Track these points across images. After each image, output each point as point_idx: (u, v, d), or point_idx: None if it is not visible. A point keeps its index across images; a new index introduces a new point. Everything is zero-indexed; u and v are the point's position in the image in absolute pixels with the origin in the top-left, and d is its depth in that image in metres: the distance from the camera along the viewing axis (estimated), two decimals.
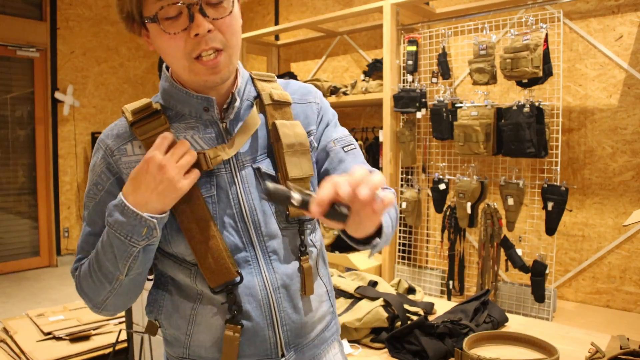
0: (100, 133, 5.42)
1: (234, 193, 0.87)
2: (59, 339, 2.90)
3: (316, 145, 0.97)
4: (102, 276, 0.84)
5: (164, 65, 0.91)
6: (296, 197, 0.63)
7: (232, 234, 0.87)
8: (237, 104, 0.88)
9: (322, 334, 0.98)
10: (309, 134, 0.95)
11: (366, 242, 0.82)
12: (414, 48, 3.00)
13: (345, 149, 0.98)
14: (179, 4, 0.77)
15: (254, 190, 0.89)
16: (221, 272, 0.88)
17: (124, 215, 0.78)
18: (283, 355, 0.90)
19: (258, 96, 0.94)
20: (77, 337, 2.90)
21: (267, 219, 0.89)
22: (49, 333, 2.95)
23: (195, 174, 0.81)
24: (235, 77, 0.91)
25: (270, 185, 0.64)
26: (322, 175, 0.96)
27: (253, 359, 0.89)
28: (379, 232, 0.81)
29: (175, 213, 0.85)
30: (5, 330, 3.09)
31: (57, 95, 5.15)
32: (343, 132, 1.01)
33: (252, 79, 0.96)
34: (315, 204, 0.61)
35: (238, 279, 0.87)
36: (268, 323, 0.88)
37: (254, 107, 0.91)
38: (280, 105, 0.94)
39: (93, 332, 2.97)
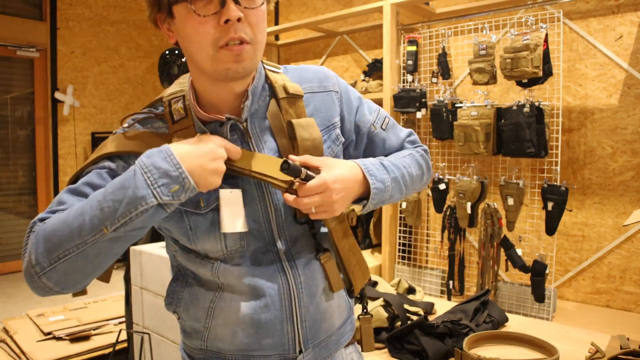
0: (100, 133, 5.44)
1: (259, 194, 0.89)
2: (59, 339, 2.91)
3: (343, 139, 0.97)
4: (86, 223, 0.72)
5: (189, 79, 0.90)
6: (303, 171, 0.80)
7: (257, 238, 0.89)
8: (248, 102, 0.87)
9: (339, 330, 0.99)
10: (333, 126, 0.95)
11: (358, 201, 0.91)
12: (414, 48, 3.00)
13: (384, 126, 1.01)
14: None
15: (277, 191, 0.89)
16: (364, 277, 0.98)
17: (166, 161, 0.74)
18: (301, 351, 0.91)
19: (271, 89, 0.92)
20: (77, 337, 2.90)
21: (288, 219, 0.90)
22: (49, 333, 2.95)
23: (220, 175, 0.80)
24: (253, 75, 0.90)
25: (290, 161, 0.80)
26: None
27: (271, 352, 0.90)
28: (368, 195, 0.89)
29: (329, 226, 0.90)
30: (5, 330, 3.09)
31: (57, 95, 5.15)
32: (372, 109, 1.03)
33: (264, 69, 0.95)
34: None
35: (369, 277, 0.99)
36: (287, 318, 0.89)
37: (272, 104, 0.91)
38: (294, 99, 0.92)
39: (93, 332, 2.98)
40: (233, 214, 0.84)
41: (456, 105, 2.87)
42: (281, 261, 0.90)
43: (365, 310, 1.06)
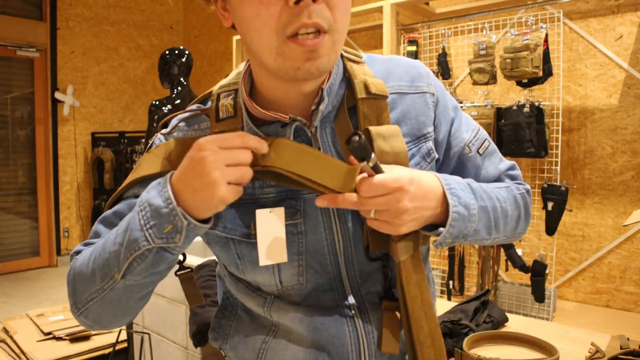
0: (100, 133, 5.44)
1: (326, 219, 0.70)
2: (59, 339, 2.91)
3: (436, 155, 0.76)
4: (98, 268, 0.66)
5: (243, 71, 0.72)
6: (373, 157, 0.59)
7: (319, 273, 0.72)
8: (322, 106, 0.68)
9: None
10: (424, 137, 0.74)
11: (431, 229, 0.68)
12: (414, 48, 3.00)
13: (481, 151, 0.79)
14: None
15: (348, 215, 0.70)
16: (436, 355, 0.70)
17: (160, 195, 0.60)
18: None
19: (350, 85, 0.71)
20: (77, 337, 2.90)
21: (359, 252, 0.72)
22: (49, 333, 2.95)
23: (242, 176, 0.61)
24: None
25: (359, 139, 0.57)
26: None
27: None
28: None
29: (398, 257, 0.67)
30: (5, 330, 3.09)
31: (57, 95, 5.15)
32: (471, 125, 0.80)
33: (342, 57, 0.74)
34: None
35: None
36: None
37: (344, 108, 0.71)
38: (377, 100, 0.71)
39: (93, 332, 2.97)
40: (273, 241, 0.66)
41: None
42: (348, 302, 0.72)
43: None
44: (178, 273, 0.75)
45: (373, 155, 0.60)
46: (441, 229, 0.66)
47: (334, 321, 0.71)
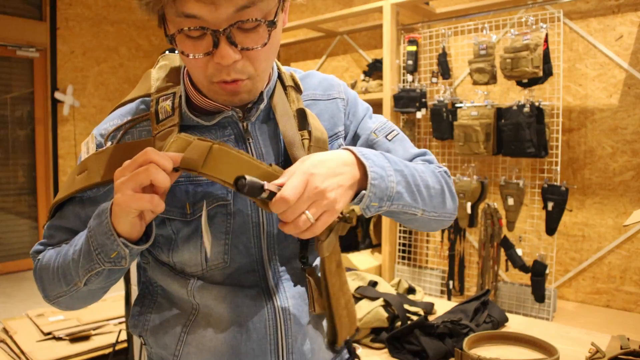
0: None
1: (253, 206, 0.77)
2: (59, 339, 2.90)
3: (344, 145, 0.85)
4: (61, 275, 0.75)
5: (183, 69, 0.80)
6: (267, 188, 0.63)
7: (242, 254, 0.77)
8: (262, 105, 0.77)
9: None
10: (336, 136, 0.84)
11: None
12: (414, 48, 3.00)
13: (389, 137, 0.86)
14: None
15: None
16: (351, 325, 0.85)
17: (103, 224, 0.67)
18: None
19: (279, 77, 0.82)
20: (77, 337, 2.90)
21: (280, 237, 0.79)
22: (49, 333, 2.95)
23: (154, 205, 0.64)
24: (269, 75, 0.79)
25: (248, 177, 0.61)
26: None
27: None
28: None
29: (322, 254, 0.75)
30: (5, 331, 3.09)
31: (57, 95, 5.15)
32: (380, 119, 0.89)
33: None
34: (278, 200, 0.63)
35: (357, 330, 0.86)
36: (272, 349, 0.77)
37: (278, 88, 0.81)
38: (299, 92, 0.83)
39: (93, 332, 2.97)
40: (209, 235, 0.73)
41: (456, 105, 2.87)
42: (267, 284, 0.78)
43: None
44: None
45: (265, 185, 0.62)
46: (363, 191, 0.69)
47: (253, 300, 0.77)
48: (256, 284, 0.78)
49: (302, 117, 0.78)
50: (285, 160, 0.78)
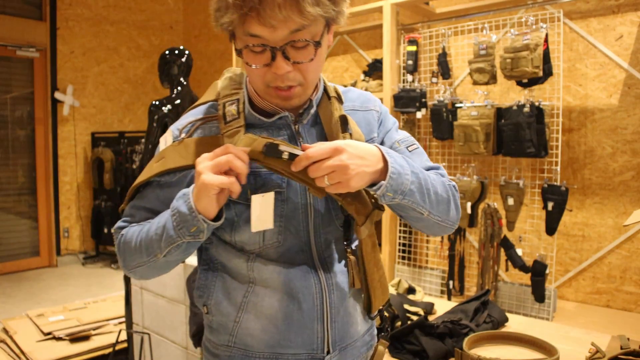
0: (100, 133, 5.44)
1: (302, 194, 0.92)
2: (59, 339, 2.91)
3: None
4: (143, 247, 0.88)
5: (245, 78, 0.96)
6: (285, 148, 0.80)
7: (293, 235, 0.92)
8: (312, 110, 0.94)
9: (363, 337, 1.01)
10: (371, 140, 0.99)
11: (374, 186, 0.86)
12: (414, 48, 3.00)
13: (410, 148, 1.01)
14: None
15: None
16: (383, 297, 1.00)
17: (185, 205, 0.82)
18: (329, 352, 0.94)
19: (325, 89, 0.98)
20: (77, 337, 2.90)
21: (325, 223, 0.94)
22: (49, 333, 2.95)
23: (231, 185, 0.79)
24: (316, 85, 0.95)
25: (269, 143, 0.81)
26: None
27: (300, 350, 0.92)
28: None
29: (360, 236, 0.92)
30: (5, 331, 3.09)
31: (57, 95, 5.15)
32: (404, 134, 1.05)
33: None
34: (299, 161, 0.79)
35: (388, 299, 1.00)
36: (318, 317, 0.92)
37: (327, 102, 0.96)
38: (339, 100, 0.98)
39: (93, 332, 2.97)
40: (262, 216, 0.87)
41: (456, 105, 2.87)
42: (314, 262, 0.93)
43: (384, 333, 1.08)
44: None
45: (285, 149, 0.80)
46: (382, 181, 0.84)
47: (303, 274, 0.92)
48: (305, 261, 0.93)
49: (344, 122, 0.93)
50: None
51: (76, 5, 5.37)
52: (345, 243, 0.96)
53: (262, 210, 0.87)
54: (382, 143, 1.01)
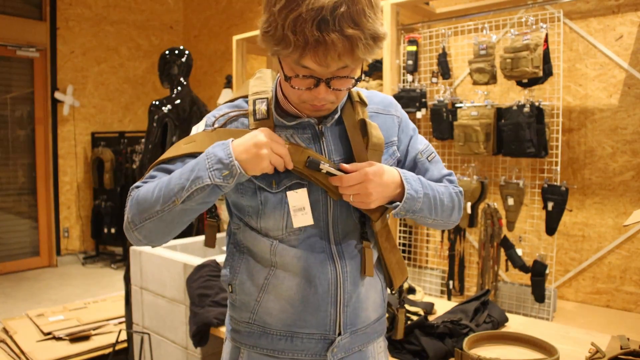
0: (100, 133, 5.44)
1: (322, 189, 1.00)
2: (59, 339, 2.91)
3: (398, 155, 1.10)
4: (162, 195, 0.93)
5: (276, 80, 1.04)
6: (324, 167, 0.94)
7: (314, 224, 1.00)
8: (336, 115, 1.02)
9: (374, 324, 1.09)
10: (391, 143, 1.09)
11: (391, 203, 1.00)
12: (414, 48, 3.00)
13: (429, 158, 1.13)
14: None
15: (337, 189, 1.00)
16: (402, 275, 1.11)
17: (223, 151, 0.90)
18: (340, 334, 1.02)
19: (349, 95, 1.06)
20: (77, 337, 2.91)
21: (343, 216, 1.02)
22: (49, 333, 2.95)
23: (279, 165, 0.93)
24: None
25: (311, 158, 0.95)
26: None
27: (314, 330, 1.01)
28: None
29: (375, 229, 1.03)
30: (5, 330, 3.09)
31: (57, 95, 5.15)
32: (424, 142, 1.15)
33: None
34: (339, 181, 0.95)
35: (408, 278, 1.11)
36: (332, 300, 1.00)
37: (347, 105, 1.04)
38: (363, 105, 1.06)
39: (93, 332, 2.98)
40: (301, 211, 0.98)
41: (456, 105, 2.87)
42: (331, 250, 1.01)
43: (402, 304, 1.19)
44: (208, 217, 1.10)
45: (323, 165, 0.95)
46: (397, 202, 0.99)
47: (321, 261, 1.00)
48: (323, 250, 1.00)
49: (363, 126, 1.02)
50: (349, 156, 1.02)
51: (76, 5, 5.37)
52: (362, 236, 1.04)
53: (299, 206, 0.98)
54: (407, 152, 1.12)
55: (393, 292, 1.16)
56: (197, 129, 1.05)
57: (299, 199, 0.98)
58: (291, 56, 0.87)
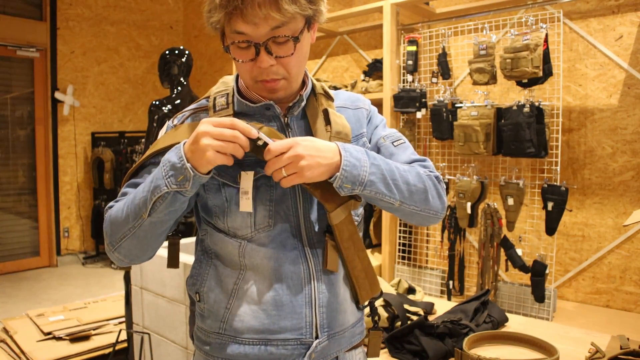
0: (100, 133, 5.44)
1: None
2: (59, 339, 2.91)
3: (369, 146, 1.07)
4: (131, 212, 0.90)
5: (235, 77, 1.03)
6: (262, 137, 0.87)
7: (283, 219, 0.96)
8: (302, 104, 1.00)
9: (352, 328, 1.04)
10: (361, 135, 1.06)
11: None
12: (414, 48, 3.00)
13: (395, 143, 1.07)
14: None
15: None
16: (372, 289, 1.04)
17: (176, 155, 0.86)
18: (317, 337, 0.97)
19: (312, 88, 1.05)
20: (77, 337, 2.90)
21: (314, 208, 0.98)
22: (49, 333, 2.95)
23: (228, 149, 0.84)
24: (304, 81, 1.02)
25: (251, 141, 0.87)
26: None
27: (289, 335, 0.95)
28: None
29: (332, 222, 0.95)
30: (5, 330, 3.09)
31: (57, 95, 5.15)
32: (392, 130, 1.11)
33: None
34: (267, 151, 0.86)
35: (379, 293, 1.04)
36: (307, 301, 0.96)
37: (313, 98, 1.03)
38: (328, 97, 1.05)
39: (93, 332, 2.98)
40: (245, 195, 0.93)
41: (456, 105, 2.87)
42: (304, 247, 0.97)
43: (375, 325, 1.09)
44: (169, 235, 1.02)
45: (259, 134, 0.87)
46: (336, 173, 0.89)
47: (292, 260, 0.95)
48: (295, 246, 0.96)
49: (326, 115, 1.00)
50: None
51: (76, 5, 5.37)
52: (326, 228, 0.99)
53: (245, 188, 0.93)
54: (371, 139, 1.08)
55: (359, 307, 1.07)
56: (162, 132, 1.03)
57: (245, 181, 0.93)
58: (222, 22, 0.88)
